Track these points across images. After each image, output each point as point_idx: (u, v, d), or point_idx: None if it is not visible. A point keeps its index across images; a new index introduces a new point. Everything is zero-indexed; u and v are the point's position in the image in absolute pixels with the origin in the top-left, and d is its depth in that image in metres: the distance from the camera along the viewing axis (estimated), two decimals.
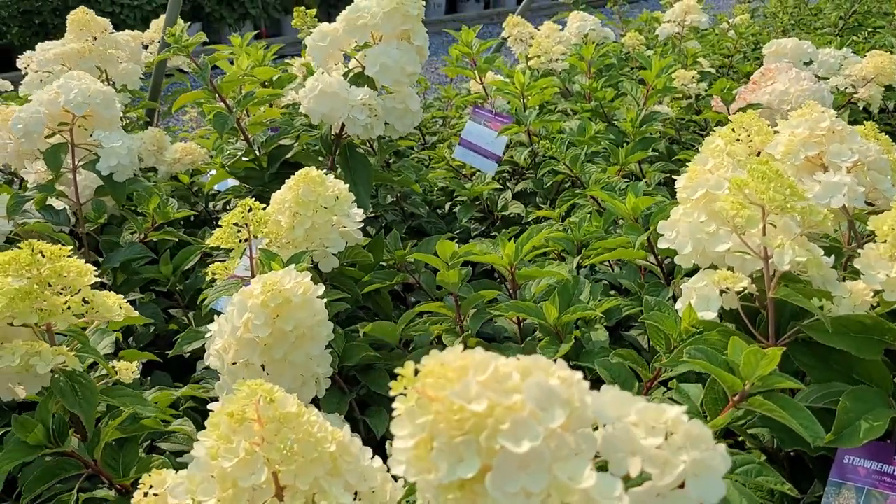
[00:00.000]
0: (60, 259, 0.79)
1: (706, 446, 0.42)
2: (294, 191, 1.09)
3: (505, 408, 0.41)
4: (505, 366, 0.43)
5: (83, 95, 1.31)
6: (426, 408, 0.41)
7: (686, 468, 0.41)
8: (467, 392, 0.41)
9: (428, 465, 0.41)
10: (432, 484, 0.41)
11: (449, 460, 0.40)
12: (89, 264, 0.83)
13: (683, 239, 0.90)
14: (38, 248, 0.79)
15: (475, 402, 0.41)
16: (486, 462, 0.40)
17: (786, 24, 3.53)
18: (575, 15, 2.68)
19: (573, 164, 1.40)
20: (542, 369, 0.44)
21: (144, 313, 1.36)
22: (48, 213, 1.39)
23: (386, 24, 1.34)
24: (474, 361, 0.43)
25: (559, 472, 0.40)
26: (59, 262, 0.79)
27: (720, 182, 0.89)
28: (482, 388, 0.41)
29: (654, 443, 0.42)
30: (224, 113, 1.36)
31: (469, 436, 0.40)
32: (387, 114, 1.38)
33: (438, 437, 0.41)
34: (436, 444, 0.41)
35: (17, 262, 0.77)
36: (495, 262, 1.09)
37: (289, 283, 0.89)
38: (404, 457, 0.42)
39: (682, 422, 0.43)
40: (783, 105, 1.77)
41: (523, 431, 0.40)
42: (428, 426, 0.41)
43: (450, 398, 0.41)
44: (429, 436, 0.41)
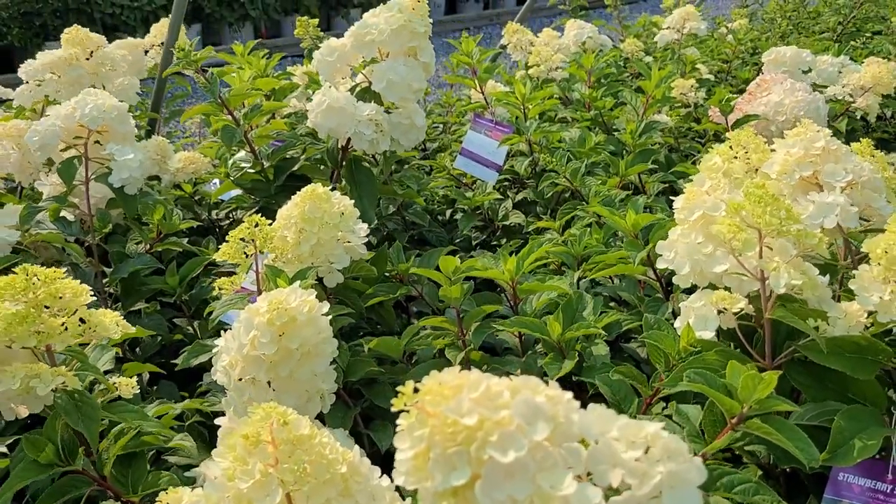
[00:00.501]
0: (55, 282, 0.80)
1: (683, 459, 0.45)
2: (300, 207, 1.11)
3: (494, 422, 0.44)
4: (497, 385, 0.47)
5: (98, 111, 1.33)
6: (424, 422, 0.45)
7: (662, 479, 0.44)
8: (460, 408, 0.45)
9: (425, 474, 0.45)
10: (429, 491, 0.45)
11: (443, 470, 0.44)
12: (84, 285, 0.85)
13: (681, 259, 0.92)
14: (33, 272, 0.80)
15: (467, 417, 0.44)
16: (476, 471, 0.43)
17: (784, 30, 3.55)
18: (572, 23, 2.70)
19: (573, 177, 1.42)
20: (530, 388, 0.47)
21: (150, 324, 1.39)
22: (60, 223, 1.41)
23: (393, 40, 1.36)
24: (469, 381, 0.47)
25: (542, 481, 0.43)
26: (54, 284, 0.80)
27: (717, 204, 0.91)
28: (474, 405, 0.45)
29: (634, 455, 0.46)
30: (232, 126, 1.38)
31: (461, 447, 0.44)
32: (392, 129, 1.39)
33: (434, 448, 0.45)
34: (432, 455, 0.45)
35: (12, 287, 0.79)
36: (497, 277, 1.11)
37: (294, 302, 0.90)
38: (405, 467, 0.46)
39: (661, 436, 0.47)
40: (778, 116, 1.79)
41: (510, 443, 0.44)
42: (425, 438, 0.45)
43: (444, 413, 0.45)
44: (426, 447, 0.45)
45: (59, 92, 1.84)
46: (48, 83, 1.84)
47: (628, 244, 1.10)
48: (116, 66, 1.95)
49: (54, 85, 1.84)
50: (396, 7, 1.38)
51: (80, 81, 1.87)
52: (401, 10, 1.38)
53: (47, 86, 1.84)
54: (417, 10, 1.39)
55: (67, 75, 1.85)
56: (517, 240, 1.72)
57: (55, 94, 1.84)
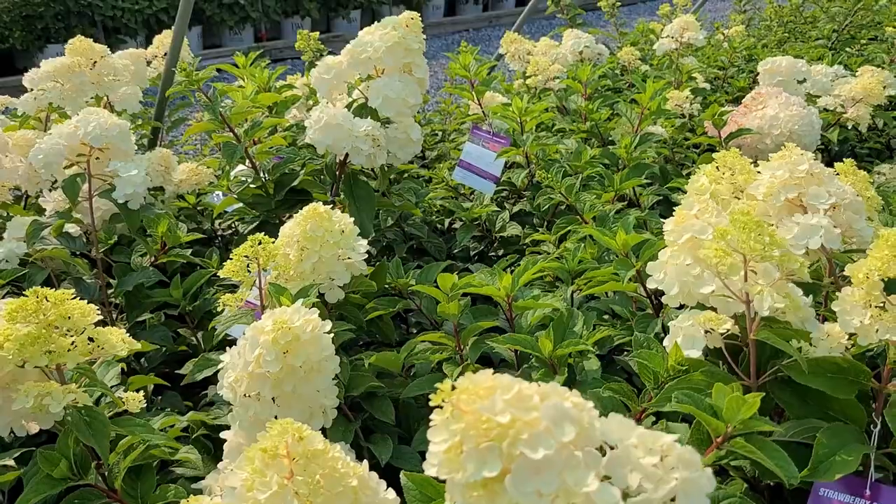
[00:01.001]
0: (64, 303, 0.84)
1: (696, 468, 0.50)
2: (302, 226, 1.14)
3: (525, 422, 0.49)
4: (528, 388, 0.51)
5: (101, 129, 1.36)
6: (459, 418, 0.49)
7: (677, 485, 0.49)
8: (494, 406, 0.49)
9: (457, 465, 0.49)
10: (459, 483, 0.49)
11: (475, 462, 0.48)
12: (91, 304, 0.88)
13: (670, 280, 0.95)
14: (43, 295, 0.84)
15: (500, 415, 0.49)
16: (507, 466, 0.48)
17: (780, 37, 3.58)
18: (569, 32, 2.73)
19: (568, 193, 1.45)
20: (558, 394, 0.52)
21: (154, 336, 1.42)
22: (65, 238, 1.44)
23: (388, 57, 1.40)
24: (501, 383, 0.51)
25: (568, 478, 0.47)
26: (64, 306, 0.83)
27: (704, 227, 0.95)
28: (506, 405, 0.49)
29: (651, 461, 0.50)
30: (233, 143, 1.41)
31: (493, 442, 0.48)
32: (389, 143, 1.43)
33: (467, 441, 0.49)
34: (465, 448, 0.49)
35: (24, 309, 0.82)
36: (493, 293, 1.14)
37: (298, 321, 0.94)
38: (437, 459, 0.50)
39: (676, 447, 0.52)
40: (773, 129, 1.83)
41: (539, 442, 0.48)
42: (459, 432, 0.49)
43: (479, 410, 0.49)
44: (459, 441, 0.49)
45: (63, 100, 1.88)
46: (52, 91, 1.87)
47: (619, 262, 1.14)
48: (119, 75, 1.98)
49: (58, 93, 1.87)
50: (391, 25, 1.42)
51: (83, 89, 1.90)
52: (395, 27, 1.41)
53: (51, 93, 1.87)
54: (411, 27, 1.43)
55: (71, 83, 1.88)
56: (514, 253, 1.76)
57: (59, 102, 1.87)
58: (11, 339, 0.79)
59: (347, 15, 7.77)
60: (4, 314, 0.81)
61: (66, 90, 1.86)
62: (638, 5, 10.28)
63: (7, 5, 5.68)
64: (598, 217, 1.48)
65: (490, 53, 7.93)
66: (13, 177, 1.77)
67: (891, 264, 0.81)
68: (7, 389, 0.84)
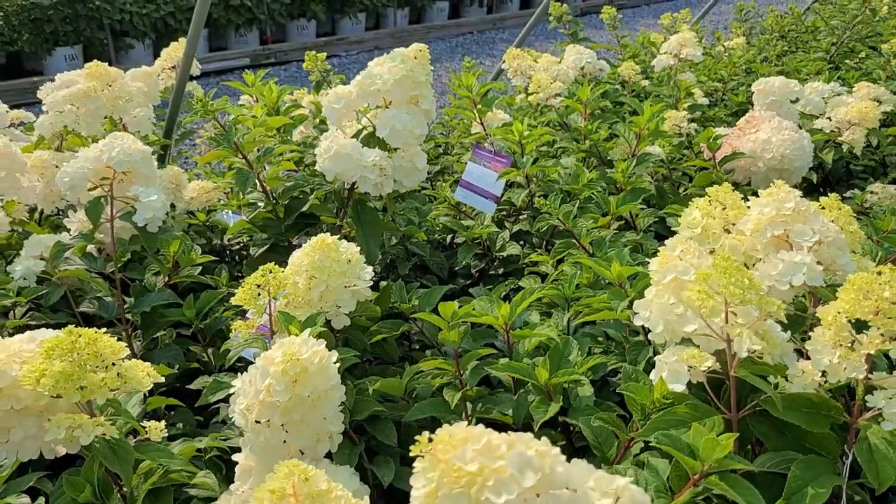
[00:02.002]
0: (97, 342, 0.90)
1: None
2: (310, 256, 1.20)
3: (491, 469, 0.57)
4: (496, 439, 0.59)
5: (125, 154, 1.43)
6: (435, 466, 0.57)
7: None
8: (464, 456, 0.57)
9: None
10: None
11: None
12: (121, 342, 0.94)
13: (655, 319, 1.01)
14: (77, 334, 0.90)
15: (470, 464, 0.57)
16: None
17: (780, 50, 3.63)
18: (571, 48, 2.78)
19: (566, 219, 1.51)
20: (524, 443, 0.59)
21: (168, 355, 1.48)
22: (86, 259, 1.50)
23: (396, 90, 1.45)
24: (472, 435, 0.59)
25: None
26: (96, 345, 0.90)
27: (687, 269, 1.01)
28: (476, 454, 0.57)
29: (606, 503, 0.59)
30: (245, 170, 1.47)
31: (463, 489, 0.56)
32: (395, 171, 1.49)
33: (442, 488, 0.57)
34: (440, 494, 0.57)
35: (59, 347, 0.88)
36: (492, 322, 1.20)
37: (306, 353, 1.00)
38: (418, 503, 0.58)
39: (629, 489, 0.61)
40: (765, 153, 1.88)
41: (503, 488, 0.56)
42: (435, 479, 0.57)
43: (452, 460, 0.57)
44: (436, 487, 0.57)
45: (78, 123, 1.94)
46: (67, 114, 1.93)
47: (613, 293, 1.20)
48: (133, 97, 2.04)
49: (73, 117, 1.93)
50: (399, 58, 1.48)
51: (98, 113, 1.96)
52: (403, 60, 1.47)
53: (67, 117, 1.93)
54: (419, 59, 1.49)
55: (86, 107, 1.94)
56: (513, 271, 1.82)
57: (74, 125, 1.94)
58: (48, 376, 0.85)
59: (353, 17, 7.82)
60: (42, 351, 0.87)
61: (81, 114, 1.92)
62: (642, 8, 10.33)
63: (15, 8, 5.74)
64: (594, 242, 1.54)
65: (494, 56, 7.99)
66: (30, 196, 1.84)
67: (857, 306, 0.87)
68: (40, 418, 0.90)
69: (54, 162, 1.89)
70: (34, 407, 0.92)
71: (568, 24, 3.04)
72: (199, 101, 1.44)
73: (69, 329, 0.89)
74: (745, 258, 1.16)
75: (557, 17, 3.00)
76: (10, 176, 1.79)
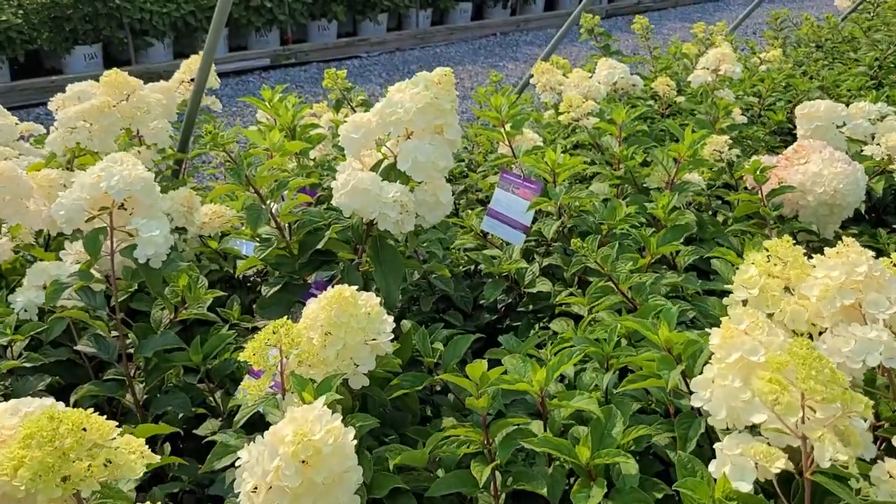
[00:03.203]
0: (80, 430, 0.79)
1: None
2: (326, 311, 1.09)
3: None
4: None
5: (124, 182, 1.32)
6: None
7: None
8: None
9: None
10: None
11: None
12: (111, 422, 0.84)
13: (717, 403, 0.89)
14: (58, 419, 0.79)
15: None
16: None
17: (820, 65, 3.48)
18: (603, 62, 2.66)
19: (604, 263, 1.39)
20: None
21: (173, 402, 1.39)
22: (85, 295, 1.41)
23: (419, 119, 1.34)
24: None
25: None
26: (80, 434, 0.79)
27: (756, 347, 0.89)
28: None
29: None
30: (257, 205, 1.37)
31: None
32: (418, 206, 1.38)
33: None
34: None
35: (40, 435, 0.78)
36: (526, 389, 1.09)
37: (320, 432, 0.89)
38: None
39: None
40: (815, 187, 1.75)
41: None
42: None
43: None
44: None
45: (91, 141, 1.85)
46: (80, 131, 1.84)
47: (661, 360, 1.08)
48: (152, 109, 1.95)
49: (86, 134, 1.84)
50: (422, 83, 1.36)
51: (112, 129, 1.87)
52: (427, 86, 1.36)
53: (79, 133, 1.84)
54: (443, 85, 1.37)
55: (99, 124, 1.85)
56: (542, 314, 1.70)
57: (87, 143, 1.84)
58: (26, 466, 0.75)
59: (374, 18, 7.71)
60: (20, 437, 0.77)
61: (94, 131, 1.83)
62: (668, 11, 10.13)
63: (35, 6, 5.69)
64: (634, 287, 1.42)
65: (517, 59, 7.85)
66: (37, 221, 1.74)
67: None
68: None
69: (62, 181, 1.80)
70: (13, 494, 0.81)
71: (599, 37, 2.91)
72: (208, 132, 1.33)
73: (51, 413, 0.78)
74: (808, 327, 1.04)
75: (589, 30, 2.87)
76: (14, 200, 1.69)
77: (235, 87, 6.39)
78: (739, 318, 0.93)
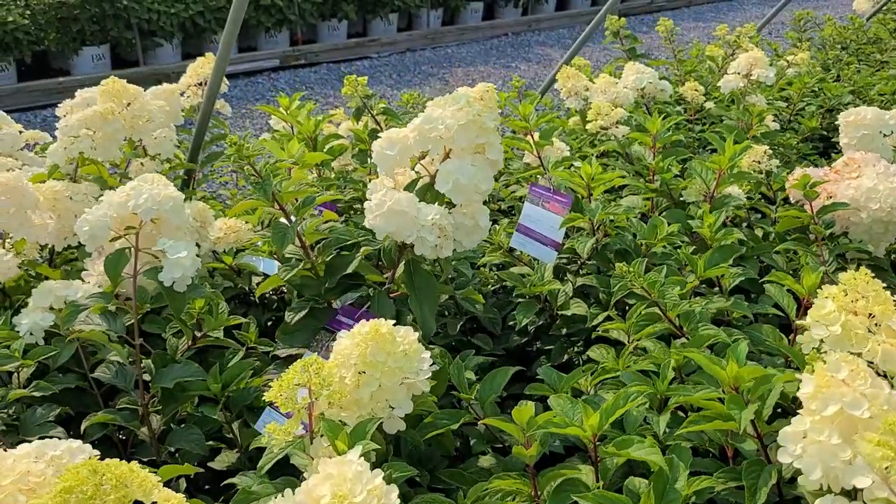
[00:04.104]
0: (123, 487, 0.70)
1: None
2: (361, 348, 1.00)
3: None
4: None
5: (153, 201, 1.24)
6: None
7: None
8: None
9: None
10: None
11: None
12: (154, 476, 0.75)
13: (811, 461, 0.79)
14: (101, 472, 0.71)
15: None
16: None
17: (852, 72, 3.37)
18: (630, 66, 2.55)
19: (651, 289, 1.29)
20: None
21: (189, 438, 1.29)
22: (104, 317, 1.31)
23: (461, 136, 1.24)
24: None
25: None
26: (123, 490, 0.70)
27: (858, 400, 0.79)
28: None
29: None
30: (284, 224, 1.27)
31: None
32: (454, 229, 1.28)
33: None
34: None
35: (80, 490, 0.69)
36: (578, 434, 0.99)
37: (360, 494, 0.80)
38: None
39: None
40: (870, 203, 1.65)
41: None
42: None
43: None
44: None
45: (95, 149, 1.75)
46: (83, 140, 1.75)
47: (732, 401, 0.98)
48: (153, 117, 1.85)
49: (89, 142, 1.75)
50: (464, 100, 1.27)
51: (115, 137, 1.77)
52: (469, 103, 1.26)
53: (82, 142, 1.74)
54: (486, 101, 1.28)
55: (103, 131, 1.75)
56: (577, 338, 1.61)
57: (90, 152, 1.75)
58: None
59: (385, 17, 7.61)
60: (55, 492, 0.68)
61: (98, 138, 1.73)
62: (682, 10, 10.01)
63: (42, 7, 5.61)
64: (682, 315, 1.32)
65: (529, 60, 7.73)
66: (42, 235, 1.65)
67: None
68: None
69: (68, 194, 1.70)
70: None
71: (625, 40, 2.81)
72: (232, 143, 1.24)
73: (94, 466, 0.70)
74: None
75: (614, 32, 2.76)
76: (19, 213, 1.60)
77: (245, 88, 6.30)
78: (837, 366, 0.83)
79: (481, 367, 1.43)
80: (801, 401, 0.83)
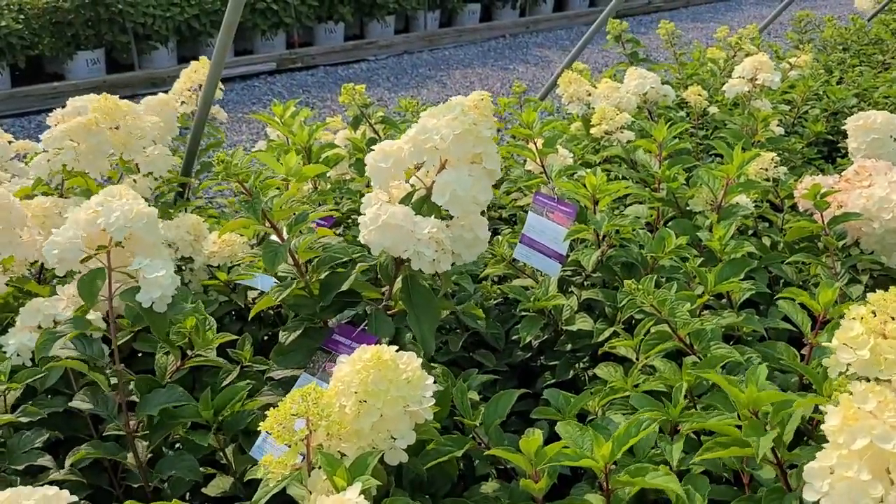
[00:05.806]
0: None
1: None
2: (362, 375, 0.95)
3: None
4: None
5: (125, 219, 1.18)
6: None
7: None
8: None
9: None
10: None
11: None
12: None
13: (839, 498, 0.74)
14: None
15: None
16: None
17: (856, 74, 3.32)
18: (632, 71, 2.50)
19: (661, 306, 1.24)
20: None
21: (180, 465, 1.24)
22: (81, 343, 1.26)
23: (456, 147, 1.20)
24: None
25: None
26: None
27: (888, 434, 0.74)
28: None
29: None
30: (276, 243, 1.22)
31: None
32: (453, 242, 1.23)
33: None
34: None
35: None
36: (590, 465, 0.94)
37: None
38: None
39: None
40: (883, 213, 1.60)
41: None
42: None
43: None
44: None
45: (79, 162, 1.69)
46: (66, 152, 1.68)
47: (750, 427, 0.93)
48: (146, 134, 1.80)
49: (73, 154, 1.69)
50: (459, 108, 1.22)
51: (101, 148, 1.71)
52: (463, 111, 1.21)
53: (65, 155, 1.68)
54: (481, 110, 1.23)
55: (87, 143, 1.69)
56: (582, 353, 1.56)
57: (73, 164, 1.69)
58: None
59: (382, 20, 7.56)
60: None
61: (82, 151, 1.67)
62: (680, 11, 9.96)
63: (36, 11, 5.55)
64: (694, 334, 1.27)
65: (527, 62, 7.68)
66: (31, 252, 1.60)
67: None
68: None
69: (57, 210, 1.65)
70: None
71: (627, 44, 2.76)
72: (220, 161, 1.19)
73: None
74: None
75: (616, 36, 2.72)
76: (7, 230, 1.54)
77: (241, 92, 6.24)
78: (864, 397, 0.78)
79: (484, 384, 1.38)
80: (826, 434, 0.79)
